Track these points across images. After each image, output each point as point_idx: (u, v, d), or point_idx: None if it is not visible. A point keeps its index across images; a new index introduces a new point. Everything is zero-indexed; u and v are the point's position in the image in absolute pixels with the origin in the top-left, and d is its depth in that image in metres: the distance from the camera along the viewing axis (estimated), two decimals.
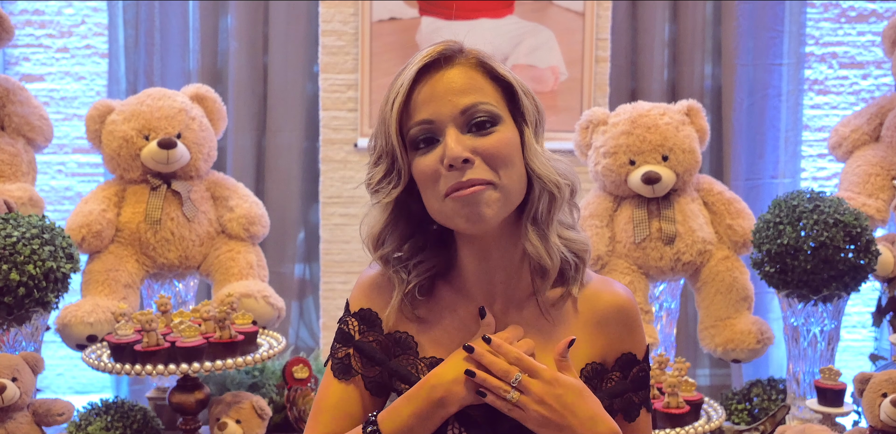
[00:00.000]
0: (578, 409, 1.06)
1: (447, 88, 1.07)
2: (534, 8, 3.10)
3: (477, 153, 1.06)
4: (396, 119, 1.08)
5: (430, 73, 1.08)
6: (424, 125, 1.08)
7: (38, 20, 3.38)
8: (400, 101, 1.07)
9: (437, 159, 1.07)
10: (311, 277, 3.46)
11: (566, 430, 1.05)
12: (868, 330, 3.47)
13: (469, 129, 1.07)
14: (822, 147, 3.48)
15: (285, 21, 3.30)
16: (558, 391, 1.06)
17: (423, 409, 1.07)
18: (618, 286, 1.19)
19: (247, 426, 2.40)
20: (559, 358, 1.09)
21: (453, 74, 1.08)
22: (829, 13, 3.44)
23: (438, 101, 1.07)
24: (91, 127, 2.76)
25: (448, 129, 1.07)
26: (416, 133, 1.08)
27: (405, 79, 1.08)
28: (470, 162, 1.06)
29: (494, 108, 1.08)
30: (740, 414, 2.70)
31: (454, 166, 1.05)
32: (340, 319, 1.21)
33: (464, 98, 1.07)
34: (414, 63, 1.08)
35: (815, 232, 2.44)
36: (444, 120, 1.07)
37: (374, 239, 1.15)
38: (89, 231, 2.64)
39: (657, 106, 2.73)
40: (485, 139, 1.07)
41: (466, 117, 1.07)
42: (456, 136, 1.06)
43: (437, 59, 1.09)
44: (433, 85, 1.08)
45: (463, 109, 1.07)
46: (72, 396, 3.07)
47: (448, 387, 1.06)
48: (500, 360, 1.06)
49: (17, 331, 2.33)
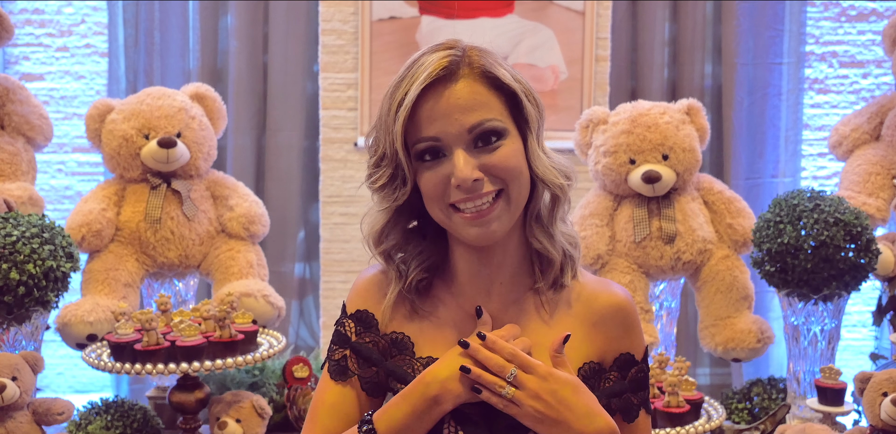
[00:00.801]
0: (574, 404, 1.05)
1: (454, 106, 1.07)
2: (534, 7, 3.10)
3: (484, 169, 1.08)
4: (401, 133, 1.08)
5: (436, 87, 1.07)
6: (431, 142, 1.08)
7: (37, 19, 3.38)
8: (404, 115, 1.07)
9: (445, 177, 1.08)
10: (311, 277, 3.45)
11: (562, 426, 1.05)
12: (868, 329, 3.47)
13: (475, 144, 1.08)
14: (822, 146, 3.47)
15: (285, 20, 3.30)
16: (553, 386, 1.05)
17: (419, 407, 1.07)
18: (615, 287, 1.20)
19: (247, 425, 2.40)
20: (554, 353, 1.09)
21: (458, 90, 1.07)
22: (830, 12, 3.44)
23: (445, 119, 1.07)
24: (91, 126, 2.76)
25: (456, 149, 1.07)
26: (423, 148, 1.09)
27: (410, 96, 1.07)
28: (479, 181, 1.07)
29: (500, 122, 1.08)
30: (741, 413, 2.70)
31: (462, 187, 1.07)
32: (337, 321, 1.21)
33: (470, 116, 1.07)
34: (419, 78, 1.07)
35: (816, 231, 2.44)
36: (451, 139, 1.07)
37: (375, 236, 1.16)
38: (89, 230, 2.64)
39: (657, 105, 2.72)
40: (492, 156, 1.08)
41: (473, 136, 1.08)
42: (465, 158, 1.07)
43: (442, 75, 1.08)
44: (438, 101, 1.07)
45: (470, 128, 1.07)
46: (71, 395, 3.07)
47: (443, 384, 1.06)
48: (495, 356, 1.06)
49: (16, 330, 2.33)
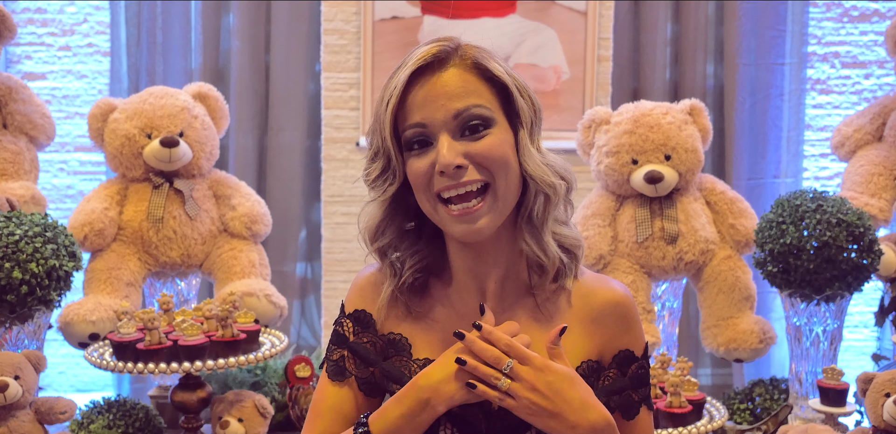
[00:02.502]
0: (570, 396, 1.05)
1: (441, 92, 1.07)
2: (536, 7, 3.10)
3: (469, 157, 1.07)
4: (391, 120, 1.08)
5: (425, 75, 1.08)
6: (418, 128, 1.08)
7: (40, 18, 3.38)
8: (394, 103, 1.08)
9: (430, 164, 1.08)
10: (313, 276, 3.45)
11: (557, 418, 1.05)
12: (870, 330, 3.47)
13: (462, 132, 1.08)
14: (823, 147, 3.47)
15: (287, 20, 3.30)
16: (549, 378, 1.05)
17: (411, 410, 1.07)
18: (614, 283, 1.19)
19: (249, 425, 2.40)
20: (550, 345, 1.09)
21: (447, 77, 1.08)
22: (832, 13, 3.44)
23: (431, 105, 1.07)
24: (94, 125, 2.76)
25: (441, 134, 1.07)
26: (410, 135, 1.09)
27: (399, 81, 1.08)
28: (462, 168, 1.07)
29: (487, 111, 1.08)
30: (742, 413, 2.70)
31: (445, 173, 1.06)
32: (336, 321, 1.21)
33: (457, 102, 1.07)
34: (408, 65, 1.08)
35: (818, 232, 2.44)
36: (437, 125, 1.07)
37: (371, 232, 1.16)
38: (91, 229, 2.64)
39: (660, 105, 2.72)
40: (477, 144, 1.07)
41: (459, 121, 1.07)
42: (448, 143, 1.07)
43: (432, 62, 1.09)
44: (427, 88, 1.08)
45: (455, 114, 1.07)
46: (73, 394, 3.07)
47: (435, 387, 1.06)
48: (492, 348, 1.06)
49: (19, 329, 2.33)
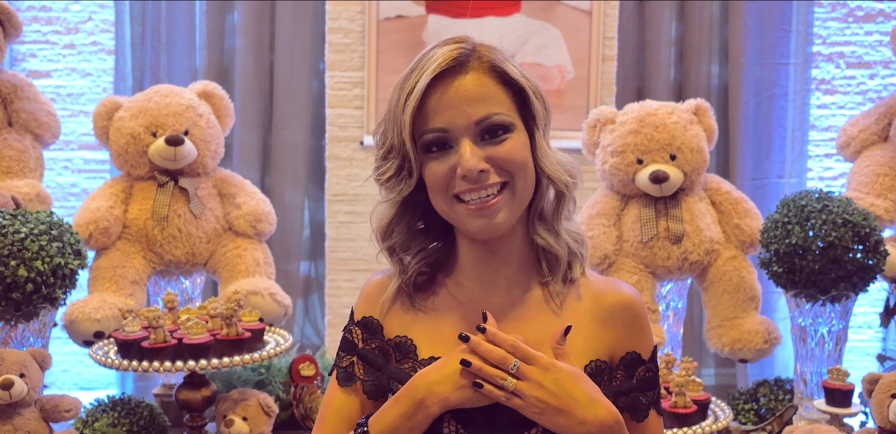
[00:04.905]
0: (576, 393, 1.05)
1: (461, 97, 1.09)
2: (541, 6, 3.10)
3: (490, 161, 1.09)
4: (410, 122, 1.09)
5: (445, 79, 1.09)
6: (439, 133, 1.09)
7: (44, 17, 3.38)
8: (413, 105, 1.08)
9: (450, 167, 1.09)
10: (317, 275, 3.45)
11: (564, 415, 1.05)
12: (874, 330, 3.46)
13: (482, 136, 1.10)
14: (828, 147, 3.47)
15: (292, 18, 3.29)
16: (556, 376, 1.05)
17: (407, 410, 1.07)
18: (623, 285, 1.20)
19: (253, 423, 2.40)
20: (555, 345, 1.09)
21: (467, 82, 1.09)
22: (837, 13, 3.43)
23: (453, 110, 1.08)
24: (98, 123, 2.75)
25: (462, 139, 1.09)
26: (430, 139, 1.10)
27: (420, 85, 1.08)
28: (485, 172, 1.09)
29: (507, 117, 1.10)
30: (747, 414, 2.70)
31: (468, 177, 1.08)
32: (345, 328, 1.23)
33: (478, 108, 1.08)
34: (428, 69, 1.08)
35: (824, 232, 2.43)
36: (459, 129, 1.09)
37: (382, 231, 1.18)
38: (96, 227, 2.64)
39: (665, 105, 2.72)
40: (498, 148, 1.09)
41: (480, 128, 1.09)
42: (471, 149, 1.08)
43: (452, 66, 1.09)
44: (447, 92, 1.09)
45: (477, 120, 1.09)
46: (77, 392, 3.06)
47: (430, 387, 1.06)
48: (497, 349, 1.06)
49: (24, 327, 2.33)
